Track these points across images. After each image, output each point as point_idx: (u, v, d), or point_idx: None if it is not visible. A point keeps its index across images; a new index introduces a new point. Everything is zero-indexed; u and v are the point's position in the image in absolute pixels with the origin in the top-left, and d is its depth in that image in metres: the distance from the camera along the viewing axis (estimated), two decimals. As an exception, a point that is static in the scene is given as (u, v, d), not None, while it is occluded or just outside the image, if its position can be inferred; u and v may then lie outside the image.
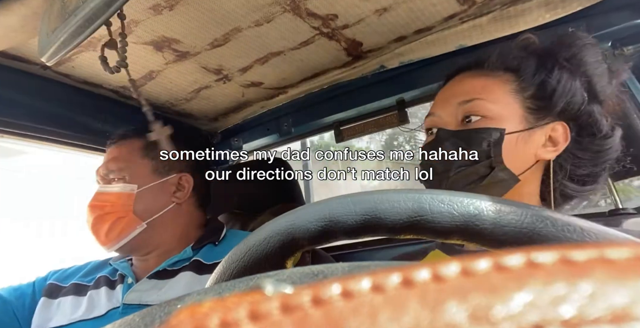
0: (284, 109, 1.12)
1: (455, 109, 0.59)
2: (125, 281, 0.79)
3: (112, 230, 0.78)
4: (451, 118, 0.60)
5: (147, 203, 0.81)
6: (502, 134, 0.54)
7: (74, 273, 0.85)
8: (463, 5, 0.74)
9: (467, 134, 0.56)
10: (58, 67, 0.83)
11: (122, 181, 0.81)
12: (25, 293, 0.81)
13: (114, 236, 0.78)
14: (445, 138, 0.58)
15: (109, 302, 0.76)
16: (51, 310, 0.78)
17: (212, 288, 0.18)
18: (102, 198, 0.80)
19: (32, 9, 0.54)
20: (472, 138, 0.56)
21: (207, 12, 0.69)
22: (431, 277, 0.08)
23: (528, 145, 0.56)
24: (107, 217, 0.78)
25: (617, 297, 0.07)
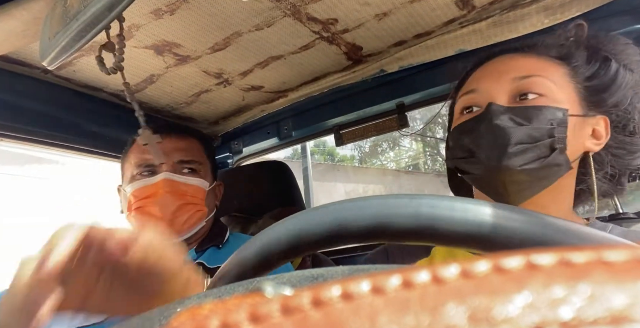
0: (284, 113, 1.13)
1: (509, 85, 0.54)
2: None
3: (188, 221, 0.78)
4: (502, 94, 0.54)
5: (210, 202, 0.85)
6: (565, 115, 0.51)
7: None
8: (462, 10, 0.74)
9: (526, 110, 0.51)
10: (59, 71, 0.83)
11: (197, 174, 0.81)
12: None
13: (187, 227, 0.78)
14: (500, 111, 0.52)
15: None
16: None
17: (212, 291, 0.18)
18: (179, 187, 0.78)
19: (33, 14, 0.54)
20: (533, 114, 0.51)
21: (208, 16, 0.70)
22: (431, 279, 0.08)
23: (581, 133, 0.53)
24: (189, 207, 0.78)
25: (615, 299, 0.07)
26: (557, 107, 0.51)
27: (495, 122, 0.52)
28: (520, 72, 0.54)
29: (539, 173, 0.51)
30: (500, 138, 0.51)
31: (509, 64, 0.56)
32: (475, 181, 0.57)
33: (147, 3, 0.65)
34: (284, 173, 1.16)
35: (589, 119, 0.54)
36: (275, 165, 1.17)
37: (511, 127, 0.51)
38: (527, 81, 0.53)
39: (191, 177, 0.80)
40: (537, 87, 0.52)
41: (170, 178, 0.78)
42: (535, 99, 0.52)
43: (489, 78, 0.57)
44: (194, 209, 0.79)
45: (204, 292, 0.18)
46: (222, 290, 0.18)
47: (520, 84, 0.53)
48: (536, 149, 0.50)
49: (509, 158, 0.50)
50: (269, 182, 1.15)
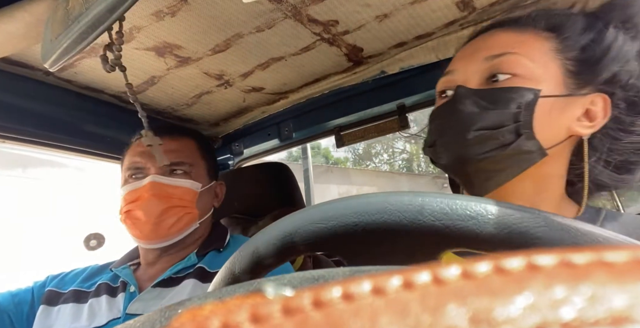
0: (285, 115, 1.13)
1: (481, 65, 0.50)
2: (128, 289, 0.77)
3: (176, 225, 0.76)
4: (474, 75, 0.50)
5: (204, 203, 0.83)
6: (537, 95, 0.45)
7: (72, 279, 0.83)
8: (463, 11, 0.74)
9: (493, 93, 0.47)
10: (61, 73, 0.84)
11: (188, 176, 0.80)
12: (23, 301, 0.79)
13: (175, 231, 0.76)
14: (465, 95, 0.48)
15: (109, 311, 0.74)
16: (51, 317, 0.76)
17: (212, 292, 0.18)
18: (167, 189, 0.77)
19: (35, 16, 0.54)
20: (499, 97, 0.46)
21: (209, 18, 0.70)
22: (432, 280, 0.08)
23: (563, 115, 0.47)
24: (175, 210, 0.76)
25: (616, 299, 0.07)
26: (527, 87, 0.46)
27: (458, 107, 0.48)
28: (493, 51, 0.49)
29: (504, 162, 0.47)
30: (459, 124, 0.47)
31: (486, 42, 0.52)
32: (445, 170, 0.55)
33: (148, 5, 0.65)
34: (284, 174, 1.16)
35: (579, 99, 0.48)
36: (276, 166, 1.17)
37: (473, 112, 0.47)
38: (500, 60, 0.48)
39: (180, 179, 0.79)
40: (509, 67, 0.47)
41: (157, 180, 0.77)
42: (506, 81, 0.47)
43: (463, 58, 0.53)
44: (182, 212, 0.77)
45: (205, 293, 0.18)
46: (222, 291, 0.18)
47: (493, 64, 0.49)
48: (499, 135, 0.46)
49: (468, 146, 0.47)
50: (270, 183, 1.15)
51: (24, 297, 0.80)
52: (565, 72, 0.48)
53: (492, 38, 0.52)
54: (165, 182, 0.77)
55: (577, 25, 0.49)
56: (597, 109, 0.48)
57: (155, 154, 0.61)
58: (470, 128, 0.46)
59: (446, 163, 0.50)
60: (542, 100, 0.46)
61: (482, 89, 0.49)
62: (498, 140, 0.46)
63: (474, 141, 0.46)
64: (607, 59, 0.47)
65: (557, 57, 0.48)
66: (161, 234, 0.76)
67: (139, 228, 0.76)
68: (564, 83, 0.48)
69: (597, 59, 0.47)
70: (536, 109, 0.46)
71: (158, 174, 0.78)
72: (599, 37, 0.48)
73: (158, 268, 0.80)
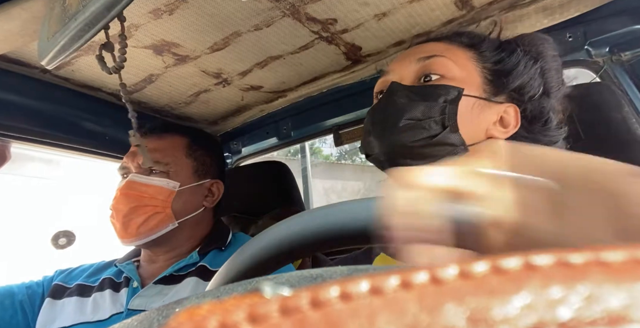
0: (284, 113, 1.12)
1: (414, 66, 0.57)
2: (131, 284, 0.78)
3: (145, 224, 0.75)
4: (408, 75, 0.57)
5: (184, 203, 0.81)
6: (460, 93, 0.53)
7: (79, 274, 0.84)
8: (462, 10, 0.74)
9: (423, 89, 0.54)
10: (58, 71, 0.83)
11: (165, 175, 0.79)
12: (36, 293, 0.80)
13: (145, 230, 0.75)
14: (398, 90, 0.55)
15: (112, 306, 0.75)
16: (55, 310, 0.77)
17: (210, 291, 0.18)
18: (140, 188, 0.77)
19: (32, 14, 0.54)
20: (428, 93, 0.53)
21: (207, 16, 0.70)
22: (429, 280, 0.08)
23: (481, 117, 0.54)
24: (144, 209, 0.76)
25: (613, 299, 0.07)
26: (453, 86, 0.53)
27: (392, 98, 0.54)
28: (425, 53, 0.56)
29: (430, 151, 0.52)
30: (393, 114, 0.53)
31: (419, 48, 0.59)
32: (375, 163, 0.58)
33: (146, 3, 0.65)
34: (283, 173, 1.16)
35: (494, 106, 0.55)
36: (275, 165, 1.17)
37: (404, 103, 0.53)
38: (430, 61, 0.55)
39: (155, 178, 0.78)
40: (438, 68, 0.54)
41: (134, 179, 0.77)
42: (436, 80, 0.54)
43: (398, 61, 0.60)
44: (152, 211, 0.76)
45: (202, 293, 0.18)
46: (220, 290, 0.18)
47: (424, 64, 0.55)
48: (426, 125, 0.51)
49: (399, 132, 0.52)
50: (269, 182, 1.15)
51: (36, 289, 0.81)
52: (484, 79, 0.56)
53: (424, 45, 0.60)
54: (140, 181, 0.77)
55: (492, 44, 0.59)
56: (510, 117, 0.55)
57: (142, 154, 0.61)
58: (402, 116, 0.52)
59: (378, 152, 0.55)
60: (464, 98, 0.53)
61: (414, 85, 0.55)
62: (426, 130, 0.51)
63: (403, 129, 0.52)
64: (515, 72, 0.56)
65: (477, 65, 0.57)
66: (131, 232, 0.75)
67: (114, 226, 0.78)
68: (482, 88, 0.55)
69: (507, 71, 0.56)
70: (460, 105, 0.52)
71: (137, 173, 0.78)
72: (510, 55, 0.57)
73: (160, 266, 0.81)
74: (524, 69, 0.56)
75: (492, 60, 0.57)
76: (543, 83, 0.57)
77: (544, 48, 0.58)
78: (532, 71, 0.56)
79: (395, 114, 0.53)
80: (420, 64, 0.56)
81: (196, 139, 0.88)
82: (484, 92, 0.55)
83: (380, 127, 0.54)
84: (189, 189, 0.81)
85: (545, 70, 0.57)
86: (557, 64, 0.59)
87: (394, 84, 0.56)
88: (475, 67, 0.56)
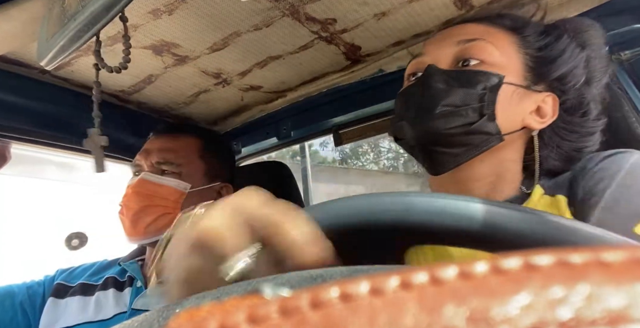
0: (283, 113, 1.12)
1: (452, 49, 0.53)
2: (134, 284, 0.77)
3: (154, 224, 0.76)
4: (446, 58, 0.53)
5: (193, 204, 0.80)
6: (501, 81, 0.50)
7: (81, 273, 0.84)
8: (461, 9, 0.74)
9: (462, 74, 0.51)
10: (57, 71, 0.83)
11: (177, 176, 0.79)
12: (36, 293, 0.80)
13: (153, 229, 0.76)
14: (435, 73, 0.52)
15: (116, 305, 0.75)
16: (58, 310, 0.77)
17: (210, 292, 0.18)
18: (151, 187, 0.77)
19: (31, 14, 0.54)
20: (467, 78, 0.50)
21: (206, 16, 0.70)
22: (429, 280, 0.08)
23: (520, 106, 0.52)
24: (154, 209, 0.76)
25: (613, 299, 0.07)
26: (494, 72, 0.50)
27: (429, 82, 0.51)
28: (465, 36, 0.53)
29: (465, 139, 0.50)
30: (428, 100, 0.50)
31: (458, 30, 0.56)
32: (405, 147, 0.56)
33: (145, 3, 0.64)
34: (283, 173, 1.16)
35: (533, 94, 0.52)
36: (275, 165, 1.17)
37: (442, 88, 0.50)
38: (470, 45, 0.52)
39: (169, 178, 0.78)
40: (478, 52, 0.51)
41: (146, 178, 0.77)
42: (475, 65, 0.51)
43: (435, 43, 0.56)
44: (162, 211, 0.76)
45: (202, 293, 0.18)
46: (220, 291, 0.18)
47: (464, 47, 0.52)
48: (464, 112, 0.49)
49: (434, 119, 0.49)
50: (268, 182, 1.14)
51: (36, 289, 0.81)
52: (525, 66, 0.53)
53: (464, 27, 0.56)
54: (152, 180, 0.77)
55: (537, 28, 0.55)
56: (548, 107, 0.53)
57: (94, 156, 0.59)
58: (438, 102, 0.49)
59: (410, 138, 0.52)
60: (504, 86, 0.50)
61: (452, 70, 0.52)
62: (463, 117, 0.49)
63: (440, 115, 0.49)
64: (560, 60, 0.52)
65: (519, 51, 0.53)
66: (139, 231, 0.76)
67: (123, 223, 0.78)
68: (523, 76, 0.52)
69: (552, 59, 0.53)
70: (499, 93, 0.50)
71: (149, 172, 0.78)
72: (555, 41, 0.54)
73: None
74: (570, 57, 0.52)
75: (535, 46, 0.54)
76: (586, 72, 0.54)
77: (591, 35, 0.55)
78: (577, 59, 0.53)
79: (431, 100, 0.50)
80: (460, 47, 0.52)
81: (209, 141, 0.88)
82: (524, 80, 0.52)
83: (414, 111, 0.51)
84: (199, 192, 0.82)
85: (590, 58, 0.54)
86: (603, 51, 0.56)
87: (431, 67, 0.52)
88: (516, 52, 0.53)
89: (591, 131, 0.55)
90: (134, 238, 0.77)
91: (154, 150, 0.81)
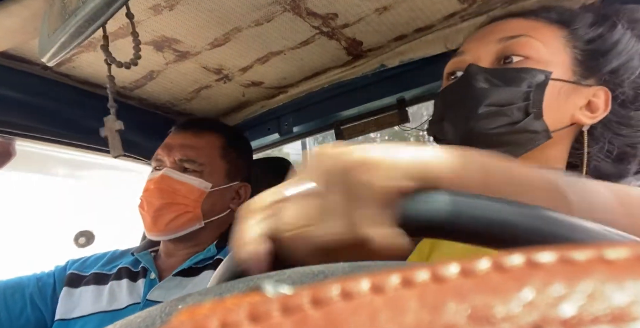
0: (285, 109, 1.12)
1: (494, 46, 0.51)
2: (148, 276, 0.78)
3: (174, 221, 0.76)
4: (487, 56, 0.51)
5: (213, 204, 0.81)
6: (548, 77, 0.47)
7: (94, 263, 0.85)
8: (463, 4, 0.74)
9: (505, 72, 0.48)
10: (59, 67, 0.83)
11: (199, 175, 0.79)
12: (47, 284, 0.81)
13: (173, 227, 0.76)
14: (477, 72, 0.50)
15: (129, 296, 0.75)
16: (73, 299, 0.78)
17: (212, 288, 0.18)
18: (173, 184, 0.77)
19: (32, 11, 0.54)
20: (511, 77, 0.48)
21: (207, 11, 0.69)
22: (430, 277, 0.08)
23: (568, 102, 0.49)
24: (175, 207, 0.76)
25: (616, 297, 0.07)
26: (539, 69, 0.48)
27: (471, 82, 0.49)
28: (507, 33, 0.51)
29: (510, 138, 0.48)
30: (471, 99, 0.48)
31: (500, 26, 0.54)
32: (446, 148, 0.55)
33: (146, -1, 0.64)
34: (285, 168, 1.16)
35: (584, 89, 0.50)
36: (277, 161, 1.17)
37: (485, 88, 0.48)
38: (513, 42, 0.50)
39: (191, 176, 0.78)
40: (523, 49, 0.49)
41: (168, 174, 0.78)
42: (519, 62, 0.49)
43: (476, 40, 0.55)
44: (183, 210, 0.77)
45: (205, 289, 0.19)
46: (222, 288, 0.18)
47: (507, 45, 0.50)
48: (508, 112, 0.47)
49: (478, 119, 0.47)
50: (271, 178, 1.14)
51: (46, 280, 0.82)
52: (574, 60, 0.50)
53: (506, 23, 0.54)
54: (174, 177, 0.78)
55: (587, 19, 0.52)
56: (599, 101, 0.50)
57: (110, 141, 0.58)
58: (482, 102, 0.47)
59: (453, 138, 0.50)
60: (552, 83, 0.47)
61: (495, 68, 0.50)
62: (507, 117, 0.47)
63: (484, 115, 0.47)
64: (613, 52, 0.49)
65: (567, 45, 0.50)
66: (160, 227, 0.76)
67: (143, 218, 0.78)
68: (571, 71, 0.50)
69: (604, 52, 0.50)
70: (546, 91, 0.47)
71: (172, 169, 0.78)
72: (608, 32, 0.50)
73: (178, 259, 0.81)
74: (624, 50, 0.49)
75: (586, 38, 0.51)
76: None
77: None
78: (632, 51, 0.50)
79: (474, 100, 0.48)
80: (502, 45, 0.50)
81: (232, 139, 0.88)
82: (573, 75, 0.50)
83: (456, 112, 0.50)
84: (219, 191, 0.82)
85: None
86: None
87: (472, 66, 0.50)
88: (564, 47, 0.50)
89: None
90: (154, 233, 0.77)
91: (176, 146, 0.80)
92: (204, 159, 0.80)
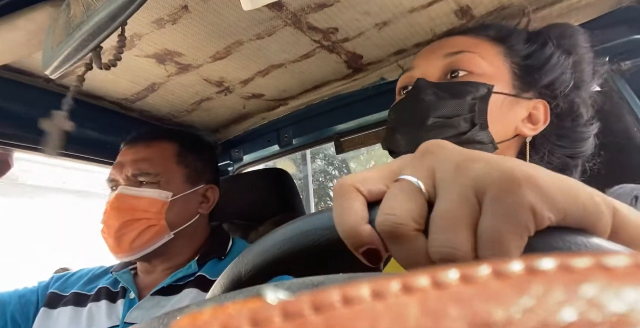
0: (285, 121, 1.13)
1: (441, 61, 0.54)
2: (127, 295, 0.75)
3: (139, 238, 0.73)
4: (435, 71, 0.55)
5: (178, 212, 0.77)
6: (490, 90, 0.50)
7: (76, 281, 0.82)
8: (462, 19, 0.75)
9: (451, 86, 0.52)
10: (61, 80, 0.84)
11: (156, 186, 0.76)
12: (29, 302, 0.78)
13: (139, 244, 0.73)
14: (425, 86, 0.53)
15: (108, 318, 0.72)
16: (50, 321, 0.75)
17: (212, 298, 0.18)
18: (130, 201, 0.74)
19: (37, 24, 0.54)
20: (457, 90, 0.51)
21: (210, 25, 0.70)
22: (431, 284, 0.08)
23: (511, 114, 0.52)
24: (137, 224, 0.73)
25: (615, 303, 0.07)
26: (482, 82, 0.51)
27: (419, 95, 0.52)
28: (452, 49, 0.54)
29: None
30: (419, 112, 0.51)
31: (445, 43, 0.57)
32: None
33: (149, 13, 0.65)
34: (284, 180, 1.16)
35: (524, 102, 0.53)
36: (276, 172, 1.17)
37: (432, 100, 0.51)
38: (458, 57, 0.53)
39: (147, 189, 0.75)
40: (466, 64, 0.53)
41: (124, 192, 0.75)
42: (464, 76, 0.52)
43: (424, 56, 0.58)
44: (145, 224, 0.73)
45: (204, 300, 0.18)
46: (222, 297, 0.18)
47: (452, 60, 0.53)
48: (456, 123, 0.49)
49: (427, 131, 0.50)
50: (270, 189, 1.14)
51: (29, 298, 0.79)
52: (513, 75, 0.54)
53: (451, 39, 0.58)
54: (130, 193, 0.74)
55: (521, 36, 0.56)
56: (539, 113, 0.53)
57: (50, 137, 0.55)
58: (430, 114, 0.50)
59: (405, 150, 0.53)
60: (494, 95, 0.51)
61: (442, 82, 0.53)
62: (455, 128, 0.50)
63: (432, 127, 0.50)
64: (547, 66, 0.53)
65: (506, 60, 0.54)
66: (124, 248, 0.73)
67: (106, 241, 0.75)
68: (512, 84, 0.53)
69: (539, 67, 0.54)
70: (489, 103, 0.50)
71: (126, 186, 0.75)
72: (541, 48, 0.55)
73: (157, 275, 0.79)
74: (556, 64, 0.53)
75: (521, 54, 0.55)
76: (574, 77, 0.54)
77: (576, 40, 0.55)
78: (564, 65, 0.54)
79: (422, 112, 0.51)
80: (448, 60, 0.54)
81: (185, 144, 0.84)
82: (513, 89, 0.53)
83: (407, 125, 0.53)
84: (182, 198, 0.78)
85: (577, 63, 0.55)
86: (590, 56, 0.56)
87: (420, 80, 0.54)
88: (503, 62, 0.54)
89: (583, 136, 0.55)
90: (121, 255, 0.74)
91: (128, 162, 0.77)
92: (158, 169, 0.77)
